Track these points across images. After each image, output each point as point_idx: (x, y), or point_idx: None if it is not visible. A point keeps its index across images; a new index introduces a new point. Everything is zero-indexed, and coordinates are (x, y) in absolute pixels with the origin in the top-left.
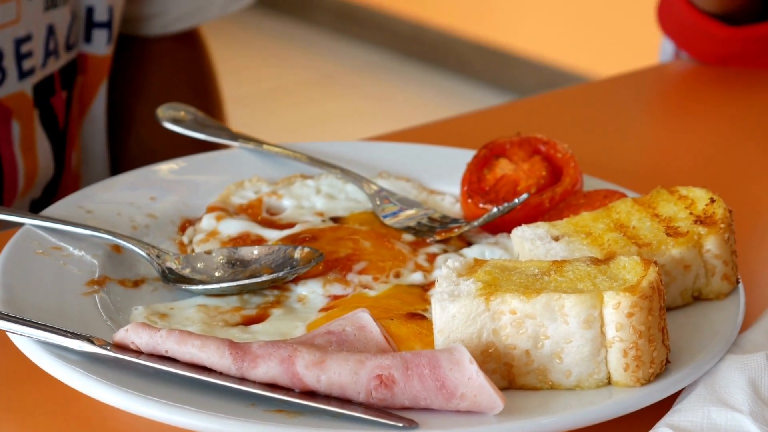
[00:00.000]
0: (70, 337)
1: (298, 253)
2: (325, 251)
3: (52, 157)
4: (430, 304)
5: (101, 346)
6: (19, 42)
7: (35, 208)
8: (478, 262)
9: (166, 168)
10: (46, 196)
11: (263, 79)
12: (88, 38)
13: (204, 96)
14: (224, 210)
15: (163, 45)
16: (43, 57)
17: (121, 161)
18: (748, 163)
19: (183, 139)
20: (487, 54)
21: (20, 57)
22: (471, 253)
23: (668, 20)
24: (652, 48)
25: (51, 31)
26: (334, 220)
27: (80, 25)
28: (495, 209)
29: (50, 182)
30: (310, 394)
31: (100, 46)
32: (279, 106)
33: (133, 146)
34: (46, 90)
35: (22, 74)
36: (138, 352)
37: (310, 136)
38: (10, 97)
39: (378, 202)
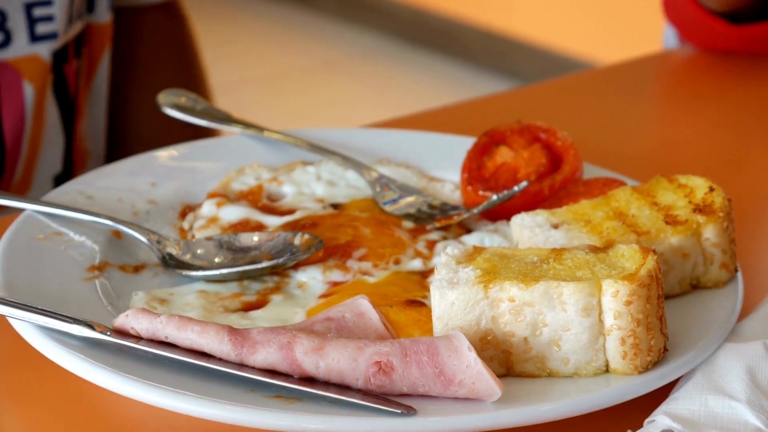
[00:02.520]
0: (71, 323)
1: (298, 240)
2: (325, 238)
3: (61, 127)
4: (429, 291)
5: (101, 332)
6: (30, 5)
7: (59, 183)
8: (478, 250)
9: (166, 154)
10: (67, 170)
11: (264, 64)
12: (90, 8)
13: (189, 68)
14: (225, 196)
15: (150, 16)
16: (66, 23)
17: (115, 138)
18: (749, 151)
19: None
20: (490, 40)
21: (32, 20)
22: (470, 240)
23: (673, 11)
24: (656, 34)
25: None
26: (334, 206)
27: None
28: (494, 197)
29: (65, 154)
30: (309, 380)
31: (102, 13)
32: (280, 92)
33: (128, 123)
34: (62, 57)
35: (35, 38)
36: (138, 338)
37: (311, 121)
38: (21, 59)
39: (378, 189)
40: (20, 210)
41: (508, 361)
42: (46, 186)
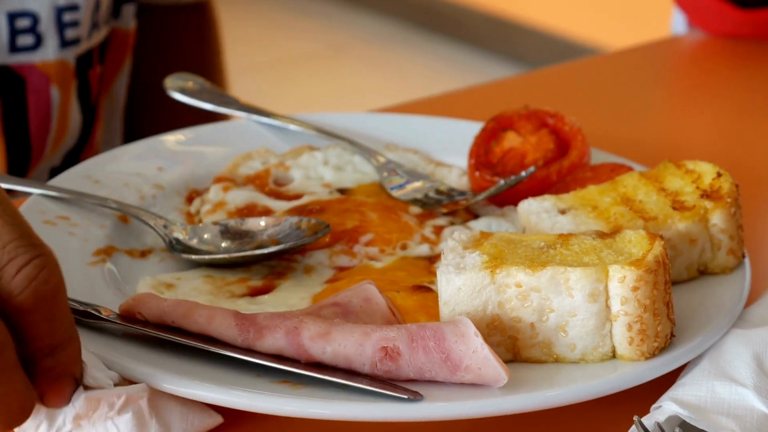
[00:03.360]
0: (77, 307)
1: (304, 225)
2: (331, 223)
3: (80, 129)
4: (436, 276)
5: (108, 316)
6: (60, 10)
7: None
8: (484, 235)
9: (173, 139)
10: (66, 165)
11: (273, 49)
12: (116, 13)
13: (213, 71)
14: (231, 181)
15: (178, 15)
16: (90, 28)
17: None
18: (758, 136)
19: (191, 111)
20: (498, 25)
21: (62, 25)
22: (477, 225)
23: None
24: (665, 18)
25: (97, 4)
26: (341, 191)
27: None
28: (502, 182)
29: (71, 151)
30: (316, 365)
31: (128, 20)
32: (288, 77)
33: (145, 119)
34: (86, 62)
35: (65, 43)
36: (144, 322)
37: (319, 107)
38: (50, 64)
39: (385, 174)
40: (27, 194)
41: (514, 346)
42: (42, 177)
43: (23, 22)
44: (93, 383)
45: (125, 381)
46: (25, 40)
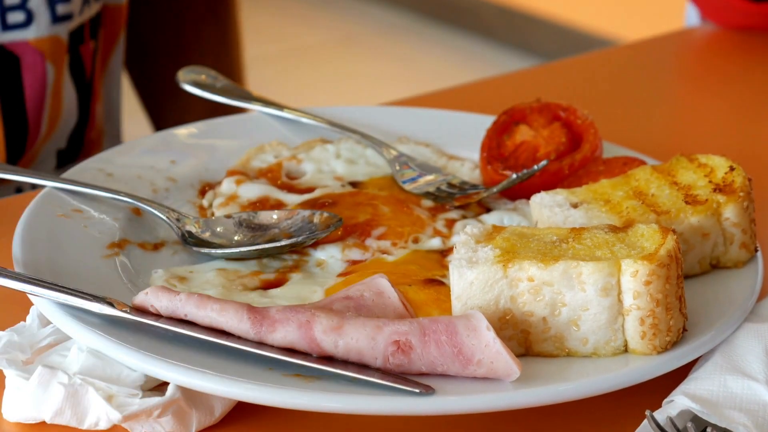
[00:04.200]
0: (91, 300)
1: (317, 218)
2: (344, 216)
3: (76, 106)
4: (448, 269)
5: (121, 309)
6: None
7: (62, 159)
8: (497, 229)
9: (186, 131)
10: (72, 147)
11: (285, 39)
12: None
13: (231, 62)
14: (244, 174)
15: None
16: (81, 3)
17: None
18: None
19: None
20: (510, 17)
21: (53, 1)
22: (489, 219)
23: None
24: (678, 10)
25: None
26: (354, 184)
27: None
28: (514, 176)
29: (74, 132)
30: (328, 359)
31: None
32: (300, 67)
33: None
34: (78, 38)
35: (56, 18)
36: (157, 316)
37: (330, 97)
38: (43, 40)
39: (397, 168)
40: (41, 186)
41: (526, 340)
42: (50, 159)
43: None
44: (124, 403)
45: (150, 379)
46: (16, 17)
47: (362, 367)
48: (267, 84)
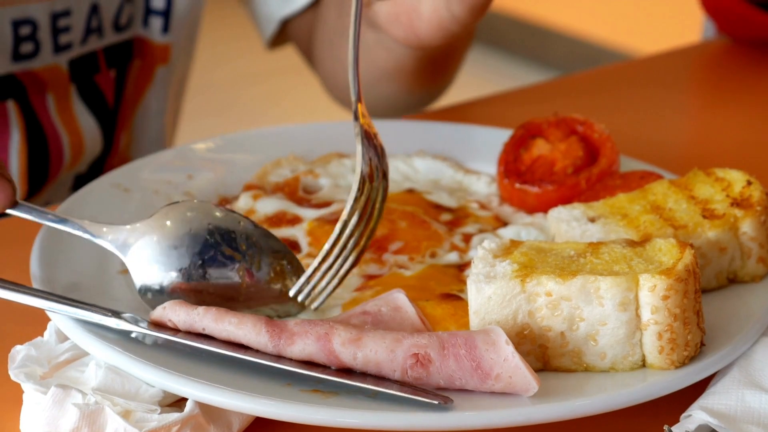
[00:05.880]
0: (109, 316)
1: None
2: None
3: (100, 135)
4: (465, 284)
5: (139, 325)
6: (56, 16)
7: (79, 184)
8: (514, 244)
9: (203, 146)
10: (92, 173)
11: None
12: (145, 22)
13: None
14: (261, 188)
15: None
16: (83, 33)
17: None
18: None
19: None
20: (528, 30)
21: (57, 31)
22: (507, 233)
23: (709, 3)
24: (695, 24)
25: (94, 9)
26: None
27: (139, 8)
28: None
29: (97, 159)
30: (346, 371)
31: (156, 32)
32: (314, 81)
33: None
34: (87, 66)
35: (58, 48)
36: (175, 330)
37: (345, 111)
38: (45, 69)
39: None
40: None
41: (544, 355)
42: (67, 182)
43: (25, 30)
44: (143, 419)
45: (169, 395)
46: (27, 47)
47: (381, 379)
48: (280, 98)
